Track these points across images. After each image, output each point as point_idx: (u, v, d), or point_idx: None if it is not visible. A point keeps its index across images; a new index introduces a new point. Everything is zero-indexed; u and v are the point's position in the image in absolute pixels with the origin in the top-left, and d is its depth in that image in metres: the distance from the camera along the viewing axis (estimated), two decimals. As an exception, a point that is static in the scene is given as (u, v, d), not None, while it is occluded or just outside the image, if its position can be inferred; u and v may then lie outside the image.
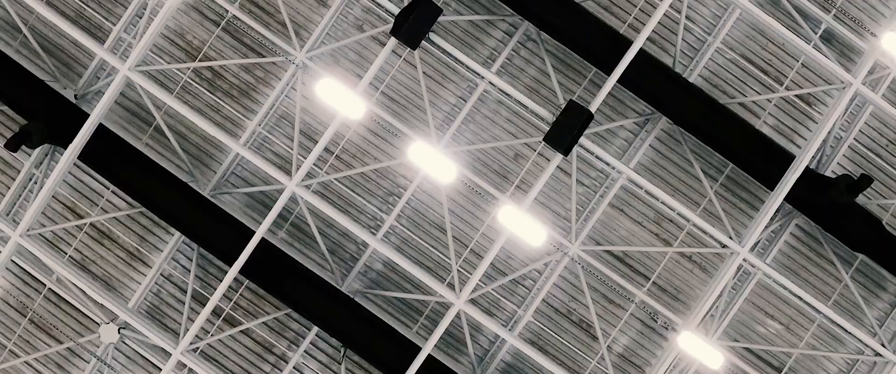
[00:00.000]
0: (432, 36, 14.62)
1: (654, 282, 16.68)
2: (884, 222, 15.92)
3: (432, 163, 14.73)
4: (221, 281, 15.10)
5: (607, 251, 16.59)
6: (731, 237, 15.00)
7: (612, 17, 16.16)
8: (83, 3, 16.46)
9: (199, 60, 16.37)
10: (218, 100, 16.53)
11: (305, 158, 14.88)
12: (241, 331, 16.70)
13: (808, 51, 14.59)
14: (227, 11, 16.20)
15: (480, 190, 16.16)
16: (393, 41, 14.42)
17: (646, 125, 16.47)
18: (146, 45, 14.54)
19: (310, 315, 15.75)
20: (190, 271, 16.59)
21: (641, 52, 14.67)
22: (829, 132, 15.17)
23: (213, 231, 15.52)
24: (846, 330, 15.53)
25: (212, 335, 16.55)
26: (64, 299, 16.73)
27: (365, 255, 16.54)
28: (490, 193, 15.17)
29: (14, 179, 16.47)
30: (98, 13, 16.46)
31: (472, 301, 16.48)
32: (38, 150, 16.09)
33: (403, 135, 15.99)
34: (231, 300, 16.65)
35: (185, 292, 16.63)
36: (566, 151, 14.34)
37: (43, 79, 15.82)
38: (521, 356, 16.71)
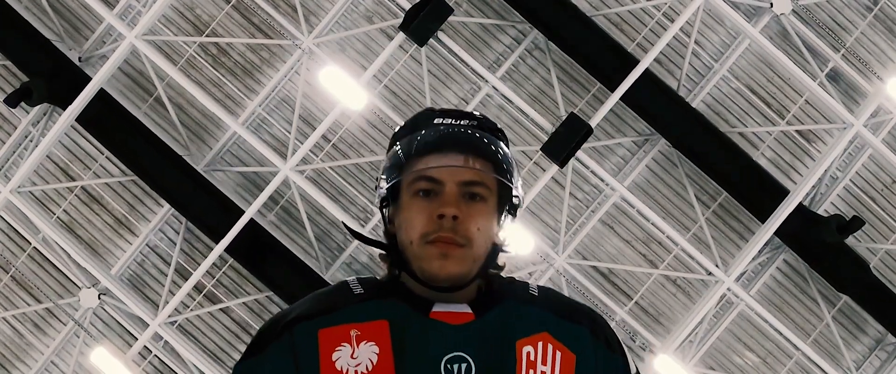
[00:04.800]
0: (440, 35, 14.55)
1: (636, 302, 16.67)
2: (871, 266, 15.90)
3: (428, 161, 14.67)
4: (206, 257, 15.09)
5: (593, 267, 16.58)
6: (717, 265, 15.00)
7: (621, 34, 16.14)
8: (97, -34, 16.44)
9: (207, 35, 16.35)
10: (221, 76, 16.50)
11: (302, 144, 14.86)
12: (220, 309, 16.68)
13: (813, 88, 14.53)
14: (239, -11, 16.19)
15: (473, 193, 16.10)
16: (401, 36, 14.35)
17: (644, 145, 16.45)
18: (155, 15, 14.50)
19: (290, 300, 15.73)
20: (176, 244, 16.56)
21: (647, 72, 14.65)
22: (825, 171, 15.15)
23: (203, 206, 15.50)
24: (823, 370, 15.52)
25: (191, 309, 16.53)
26: (47, 259, 16.70)
27: (351, 246, 16.52)
28: (482, 196, 15.11)
29: (10, 136, 16.44)
30: (111, -22, 16.45)
31: (454, 303, 16.42)
32: (37, 108, 16.06)
33: (402, 130, 15.95)
34: (214, 277, 16.62)
35: (169, 264, 16.60)
36: (562, 164, 14.30)
37: (49, 38, 15.80)
38: (497, 363, 16.66)
